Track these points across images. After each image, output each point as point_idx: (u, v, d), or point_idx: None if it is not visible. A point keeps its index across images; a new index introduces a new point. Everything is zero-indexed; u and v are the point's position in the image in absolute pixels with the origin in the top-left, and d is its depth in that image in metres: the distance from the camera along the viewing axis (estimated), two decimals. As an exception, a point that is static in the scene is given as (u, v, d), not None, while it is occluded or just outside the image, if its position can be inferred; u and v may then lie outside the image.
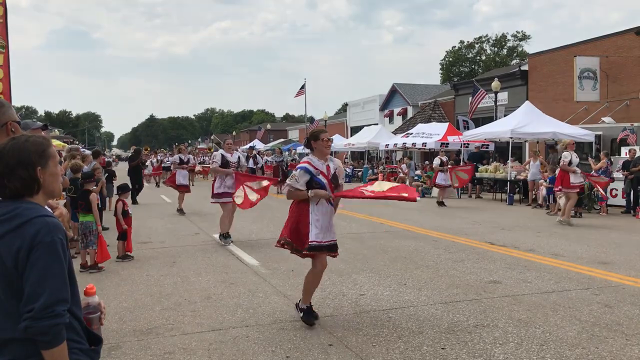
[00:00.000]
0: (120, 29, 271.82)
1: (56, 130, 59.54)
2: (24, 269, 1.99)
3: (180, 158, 17.02)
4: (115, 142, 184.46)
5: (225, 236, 10.09)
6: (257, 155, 24.12)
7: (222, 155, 10.40)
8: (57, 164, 2.26)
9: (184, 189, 15.67)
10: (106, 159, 21.73)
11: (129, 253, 8.84)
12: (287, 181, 5.50)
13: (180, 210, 15.14)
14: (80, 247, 8.15)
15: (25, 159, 2.11)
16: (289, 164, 24.05)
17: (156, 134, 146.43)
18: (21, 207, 2.07)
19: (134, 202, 17.64)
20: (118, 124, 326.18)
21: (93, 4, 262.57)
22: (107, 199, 14.25)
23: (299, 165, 5.52)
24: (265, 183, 10.06)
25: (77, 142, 53.98)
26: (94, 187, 9.14)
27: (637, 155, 15.19)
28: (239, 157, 10.80)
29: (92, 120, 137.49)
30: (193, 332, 5.26)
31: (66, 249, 2.09)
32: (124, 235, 8.80)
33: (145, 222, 13.16)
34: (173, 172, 17.29)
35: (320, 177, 5.38)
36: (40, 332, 1.95)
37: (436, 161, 18.94)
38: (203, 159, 36.09)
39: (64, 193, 7.93)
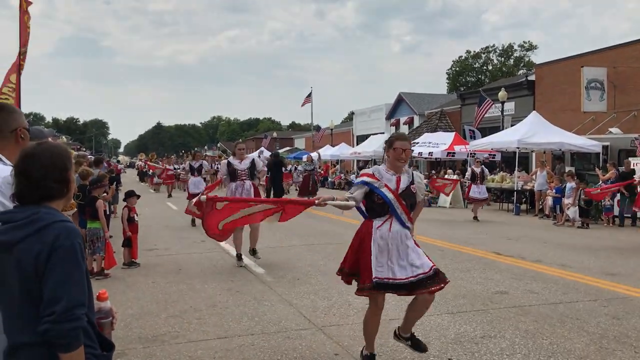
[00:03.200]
0: (129, 37, 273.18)
1: (63, 137, 59.82)
2: (43, 273, 2.01)
3: (190, 165, 16.12)
4: (122, 149, 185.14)
5: (238, 257, 9.01)
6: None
7: (229, 163, 9.20)
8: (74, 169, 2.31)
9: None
10: (118, 167, 21.56)
11: (134, 260, 8.86)
12: (346, 194, 4.57)
13: (192, 221, 13.84)
14: (87, 254, 8.17)
15: (60, 163, 2.18)
16: (320, 172, 23.06)
17: (163, 141, 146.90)
18: (40, 211, 2.10)
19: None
20: (125, 131, 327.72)
21: (102, 12, 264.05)
22: (113, 205, 14.28)
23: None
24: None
25: (84, 149, 54.21)
26: (105, 195, 9.17)
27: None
28: (252, 163, 9.21)
29: (99, 127, 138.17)
30: (199, 339, 5.25)
31: (84, 254, 2.12)
32: (128, 242, 8.81)
33: (151, 229, 13.17)
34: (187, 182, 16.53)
35: (384, 190, 4.35)
36: (60, 335, 1.96)
37: (468, 173, 17.60)
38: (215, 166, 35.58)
39: (74, 202, 7.96)
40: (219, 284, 7.54)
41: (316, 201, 4.45)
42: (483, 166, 17.64)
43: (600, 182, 15.44)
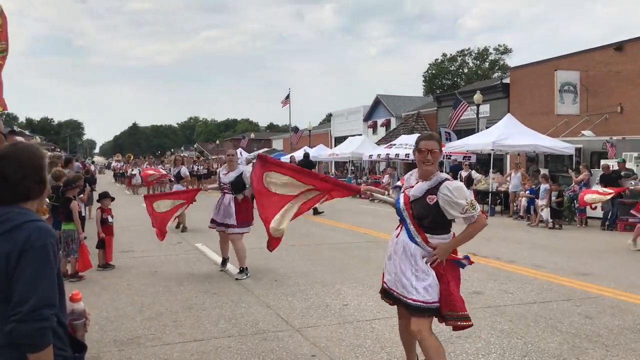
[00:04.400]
0: (105, 37, 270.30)
1: (37, 137, 58.87)
2: (13, 273, 2.00)
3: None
4: (97, 150, 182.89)
5: (223, 262, 8.60)
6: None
7: (219, 174, 8.50)
8: None
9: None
10: (92, 168, 21.15)
11: (109, 262, 8.76)
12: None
13: (181, 227, 13.36)
14: (62, 256, 8.05)
15: (36, 163, 2.18)
16: None
17: (139, 142, 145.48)
18: (12, 212, 2.09)
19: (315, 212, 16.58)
20: (100, 131, 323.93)
21: (79, 10, 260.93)
22: (88, 207, 14.09)
23: None
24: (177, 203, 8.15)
25: (58, 150, 53.42)
26: (81, 196, 9.05)
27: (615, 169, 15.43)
28: (239, 178, 8.07)
29: (74, 127, 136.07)
30: (175, 342, 5.21)
31: (57, 254, 2.11)
32: (102, 244, 8.71)
33: (126, 231, 13.04)
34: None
35: (400, 196, 3.98)
36: (25, 335, 1.95)
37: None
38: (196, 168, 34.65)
39: (46, 207, 7.84)
40: (195, 286, 7.49)
41: (362, 189, 4.49)
42: (472, 170, 17.44)
43: (573, 183, 15.69)
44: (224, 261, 8.61)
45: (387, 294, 4.01)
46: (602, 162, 17.32)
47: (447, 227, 3.85)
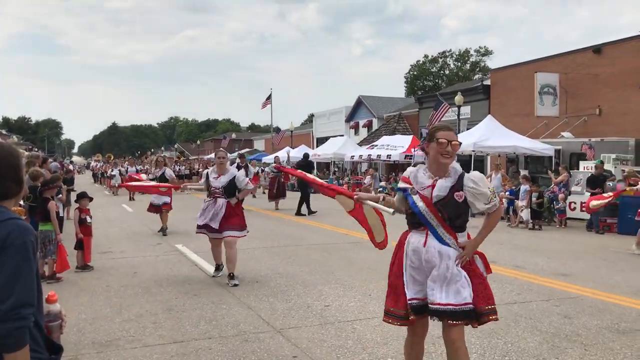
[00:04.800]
0: (84, 35, 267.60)
1: (14, 136, 58.05)
2: None
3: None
4: (76, 150, 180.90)
5: (217, 267, 8.19)
6: (249, 165, 20.49)
7: (207, 176, 7.94)
8: None
9: (154, 210, 13.00)
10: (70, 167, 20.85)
11: (87, 263, 8.64)
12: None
13: (163, 230, 12.70)
14: (39, 257, 7.92)
15: (14, 162, 2.15)
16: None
17: (118, 141, 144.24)
18: None
19: (310, 212, 16.89)
20: (79, 131, 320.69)
21: (57, 9, 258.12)
22: (65, 208, 13.90)
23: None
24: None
25: (36, 149, 52.72)
26: (60, 196, 8.92)
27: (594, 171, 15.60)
28: (232, 181, 7.75)
29: (52, 127, 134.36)
30: (154, 344, 5.15)
31: (36, 253, 2.08)
32: (81, 245, 8.60)
33: (105, 232, 12.90)
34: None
35: (415, 198, 3.58)
36: (2, 334, 1.92)
37: None
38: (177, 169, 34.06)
39: (23, 208, 7.71)
40: (175, 287, 7.42)
41: (355, 196, 4.21)
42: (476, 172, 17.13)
43: (553, 184, 15.84)
44: (218, 267, 8.15)
45: (418, 310, 3.54)
46: (581, 163, 17.56)
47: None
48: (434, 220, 3.51)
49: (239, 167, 18.65)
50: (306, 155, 21.11)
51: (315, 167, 38.67)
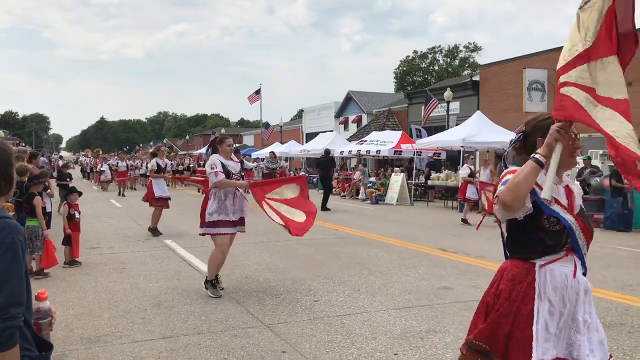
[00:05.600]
0: (72, 30, 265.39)
1: (1, 131, 57.46)
2: None
3: (157, 163, 12.55)
4: (63, 145, 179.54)
5: (213, 283, 6.82)
6: (244, 161, 19.92)
7: (222, 163, 6.75)
8: None
9: (162, 203, 12.14)
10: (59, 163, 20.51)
11: (75, 259, 8.60)
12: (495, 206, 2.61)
13: (154, 230, 11.83)
14: (27, 252, 7.87)
15: (5, 158, 2.11)
16: (282, 171, 21.77)
17: (106, 136, 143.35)
18: None
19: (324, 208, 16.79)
20: (67, 126, 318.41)
21: (45, 2, 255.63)
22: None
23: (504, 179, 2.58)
24: (294, 187, 7.11)
25: (23, 144, 52.25)
26: (48, 191, 8.86)
27: (581, 166, 15.75)
28: (241, 164, 7.69)
29: (39, 121, 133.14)
30: (143, 340, 5.14)
31: (25, 252, 2.05)
32: (69, 240, 8.55)
33: (93, 227, 12.83)
34: (149, 184, 12.68)
35: (557, 208, 2.57)
36: None
37: (464, 171, 15.54)
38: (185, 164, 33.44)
39: (11, 204, 7.64)
40: (164, 283, 7.40)
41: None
42: (491, 166, 15.77)
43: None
44: (216, 281, 6.98)
45: None
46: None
47: None
48: (581, 239, 2.60)
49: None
50: (327, 152, 21.10)
51: (305, 164, 38.70)
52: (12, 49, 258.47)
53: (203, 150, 47.36)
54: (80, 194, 9.12)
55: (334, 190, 26.61)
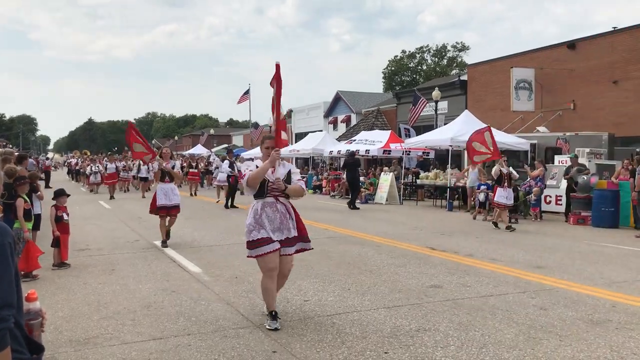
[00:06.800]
0: (60, 30, 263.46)
1: (-13, 133, 56.95)
2: None
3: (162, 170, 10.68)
4: (51, 146, 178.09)
5: (272, 315, 5.53)
6: (236, 161, 19.39)
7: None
8: None
9: (162, 212, 10.54)
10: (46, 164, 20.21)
11: (64, 261, 8.54)
12: None
13: (162, 242, 10.44)
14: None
15: None
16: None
17: (94, 137, 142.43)
18: None
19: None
20: (55, 127, 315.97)
21: (32, 3, 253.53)
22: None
23: None
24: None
25: (10, 146, 51.82)
26: (38, 193, 8.78)
27: (569, 164, 15.87)
28: (289, 173, 5.93)
29: (27, 123, 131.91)
30: (133, 341, 5.12)
31: (14, 253, 2.05)
32: (57, 243, 8.49)
33: (82, 229, 12.75)
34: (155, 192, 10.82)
35: None
36: None
37: (494, 171, 14.25)
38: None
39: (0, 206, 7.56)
40: (154, 284, 7.38)
41: None
42: (511, 167, 14.56)
43: (529, 178, 16.04)
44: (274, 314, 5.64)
45: None
46: (556, 157, 17.82)
47: None
48: None
49: (231, 164, 18.35)
50: (352, 153, 21.15)
51: (294, 162, 38.66)
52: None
53: (193, 150, 47.19)
54: (68, 195, 9.07)
55: (323, 190, 26.64)
